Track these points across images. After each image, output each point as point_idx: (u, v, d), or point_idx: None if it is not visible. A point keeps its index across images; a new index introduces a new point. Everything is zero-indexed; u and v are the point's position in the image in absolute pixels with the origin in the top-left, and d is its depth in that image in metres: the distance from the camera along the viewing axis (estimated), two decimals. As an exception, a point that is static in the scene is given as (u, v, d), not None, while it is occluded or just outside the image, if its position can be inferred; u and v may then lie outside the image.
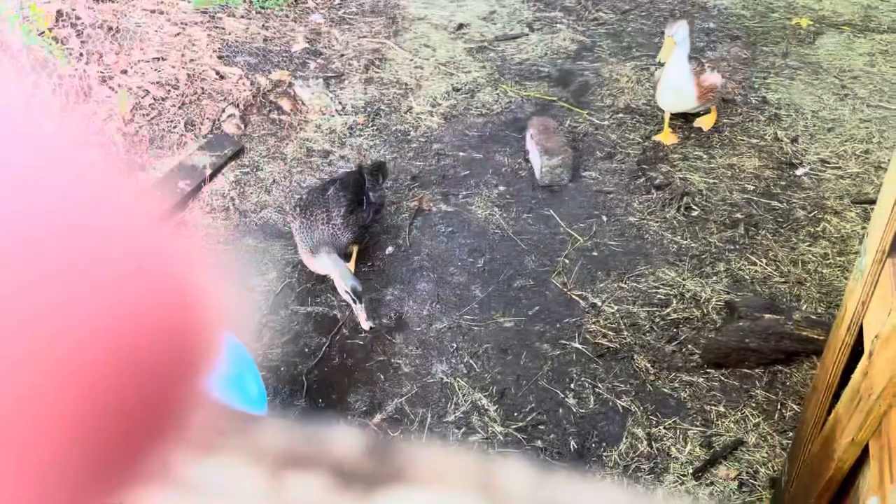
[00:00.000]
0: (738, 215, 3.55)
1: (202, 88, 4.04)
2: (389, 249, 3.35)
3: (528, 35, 4.98)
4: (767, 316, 2.89)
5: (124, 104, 3.76)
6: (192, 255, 0.25)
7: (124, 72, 3.96)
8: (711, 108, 4.05)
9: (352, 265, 3.22)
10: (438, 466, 0.34)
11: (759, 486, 2.49)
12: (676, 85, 3.72)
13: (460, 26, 5.02)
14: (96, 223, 0.22)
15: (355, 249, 3.26)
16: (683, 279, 3.22)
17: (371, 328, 2.91)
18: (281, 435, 0.35)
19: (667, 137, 4.03)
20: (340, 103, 4.22)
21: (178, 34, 4.31)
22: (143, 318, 0.22)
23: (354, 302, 2.84)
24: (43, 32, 3.87)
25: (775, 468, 2.53)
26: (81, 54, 3.92)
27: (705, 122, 4.11)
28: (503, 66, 4.66)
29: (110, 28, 4.13)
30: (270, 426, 0.35)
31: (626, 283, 3.21)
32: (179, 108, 3.92)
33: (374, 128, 4.09)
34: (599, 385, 2.80)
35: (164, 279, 0.23)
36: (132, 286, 0.22)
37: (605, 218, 3.55)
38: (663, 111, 4.00)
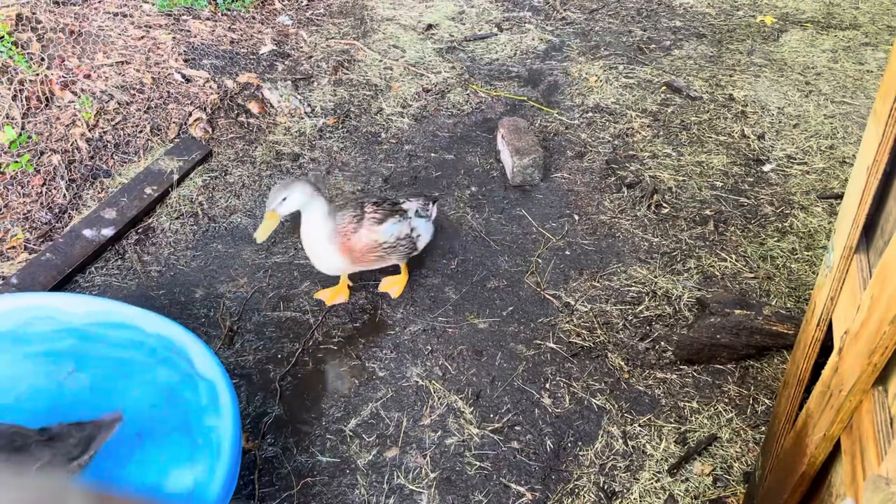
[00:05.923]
0: (708, 212, 3.59)
1: (168, 92, 3.98)
2: (362, 252, 3.33)
3: (497, 35, 4.98)
4: (738, 311, 2.92)
5: (88, 109, 3.69)
6: None
7: (87, 76, 3.88)
8: (402, 265, 3.13)
9: None
10: None
11: (733, 480, 2.51)
12: (309, 249, 2.89)
13: (429, 27, 5.00)
14: None
15: None
16: (655, 276, 3.24)
17: None
18: None
19: (329, 296, 3.11)
20: (309, 105, 4.18)
21: (142, 37, 4.24)
22: None
23: None
24: (2, 37, 3.78)
25: (749, 463, 2.56)
26: (43, 59, 3.83)
27: (390, 287, 3.16)
28: (473, 66, 4.65)
29: (72, 32, 4.05)
30: None
31: (598, 281, 3.22)
32: (145, 112, 3.86)
33: (345, 130, 4.06)
34: (574, 384, 2.81)
35: None
36: None
37: (576, 217, 3.56)
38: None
